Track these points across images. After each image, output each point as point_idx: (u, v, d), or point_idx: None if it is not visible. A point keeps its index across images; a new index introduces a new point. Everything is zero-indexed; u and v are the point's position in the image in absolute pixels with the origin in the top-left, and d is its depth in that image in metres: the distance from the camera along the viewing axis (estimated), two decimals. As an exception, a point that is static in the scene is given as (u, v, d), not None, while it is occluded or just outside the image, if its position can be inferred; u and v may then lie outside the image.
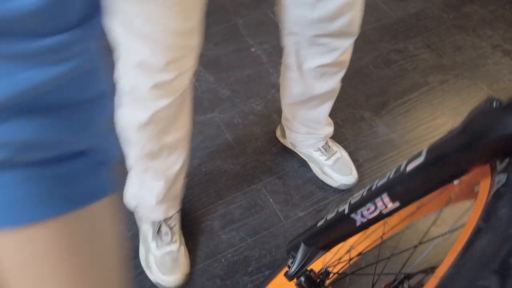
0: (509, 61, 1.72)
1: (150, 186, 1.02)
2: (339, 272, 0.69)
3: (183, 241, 1.15)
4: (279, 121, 1.50)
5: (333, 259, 0.70)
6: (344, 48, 1.00)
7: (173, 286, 1.07)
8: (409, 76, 1.66)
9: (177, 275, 1.07)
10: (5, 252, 0.25)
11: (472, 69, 1.68)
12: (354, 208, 0.57)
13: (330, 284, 0.69)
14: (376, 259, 0.62)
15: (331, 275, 0.70)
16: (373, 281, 0.58)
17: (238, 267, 1.14)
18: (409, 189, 0.50)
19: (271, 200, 1.28)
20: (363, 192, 0.56)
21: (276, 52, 1.74)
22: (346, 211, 0.59)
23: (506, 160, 0.45)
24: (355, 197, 0.58)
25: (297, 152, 1.37)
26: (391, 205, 0.52)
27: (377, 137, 1.45)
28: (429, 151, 0.47)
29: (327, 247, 0.65)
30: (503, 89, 1.61)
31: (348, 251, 0.70)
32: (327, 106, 1.20)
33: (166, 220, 1.11)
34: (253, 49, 1.76)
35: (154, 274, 1.08)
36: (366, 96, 1.59)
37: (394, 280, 0.61)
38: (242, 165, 1.36)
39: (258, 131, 1.47)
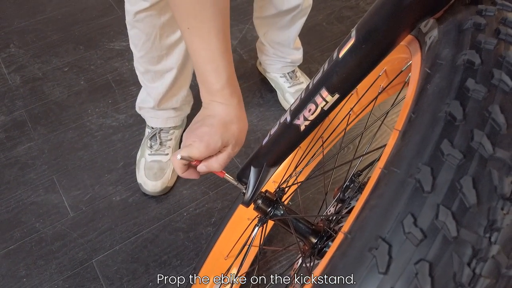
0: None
1: (150, 87, 1.07)
2: (293, 184, 0.66)
3: None
4: (239, 78, 1.45)
5: (284, 178, 0.67)
6: None
7: (151, 190, 1.12)
8: (361, 30, 1.64)
9: (158, 183, 1.12)
10: None
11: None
12: (295, 113, 0.53)
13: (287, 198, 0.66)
14: (323, 168, 0.59)
15: (286, 189, 0.66)
16: (324, 185, 0.55)
17: (200, 219, 1.09)
18: (345, 76, 0.46)
19: (231, 154, 1.24)
20: (301, 95, 0.53)
21: (231, 12, 1.69)
22: (288, 120, 0.55)
23: (430, 21, 0.42)
24: (295, 103, 0.54)
25: (267, 78, 1.41)
26: (330, 99, 0.49)
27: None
28: (359, 29, 0.43)
29: (277, 162, 0.61)
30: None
31: (296, 166, 0.67)
32: (296, 28, 1.22)
33: (163, 130, 1.17)
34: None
35: (140, 175, 1.14)
36: (321, 51, 1.56)
37: (345, 181, 0.59)
38: (200, 124, 1.31)
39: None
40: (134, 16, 0.92)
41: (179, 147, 1.21)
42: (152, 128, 1.19)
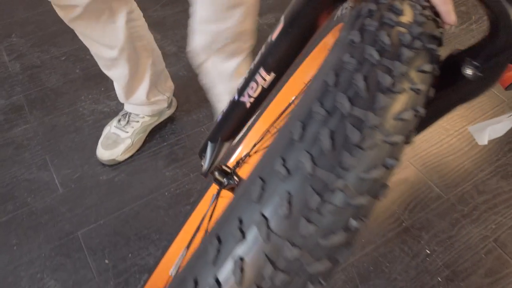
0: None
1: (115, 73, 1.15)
2: (246, 156, 0.72)
3: (133, 144, 1.25)
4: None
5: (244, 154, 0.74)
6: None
7: (98, 156, 1.22)
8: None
9: (106, 153, 1.21)
10: None
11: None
12: (241, 91, 0.59)
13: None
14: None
15: (240, 163, 0.73)
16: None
17: (180, 199, 1.16)
18: (278, 57, 0.52)
19: (213, 140, 1.30)
20: (246, 74, 0.59)
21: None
22: (236, 98, 0.61)
23: (348, 8, 0.48)
24: (241, 82, 0.60)
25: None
26: (268, 78, 0.55)
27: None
28: (285, 15, 0.50)
29: (230, 137, 0.67)
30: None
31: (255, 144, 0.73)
32: (236, 62, 1.08)
33: (129, 114, 1.25)
34: (199, 9, 1.76)
35: (99, 142, 1.24)
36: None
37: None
38: (186, 111, 1.38)
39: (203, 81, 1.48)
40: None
41: (144, 134, 1.27)
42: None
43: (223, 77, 1.13)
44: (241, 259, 0.31)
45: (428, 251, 1.08)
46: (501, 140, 1.31)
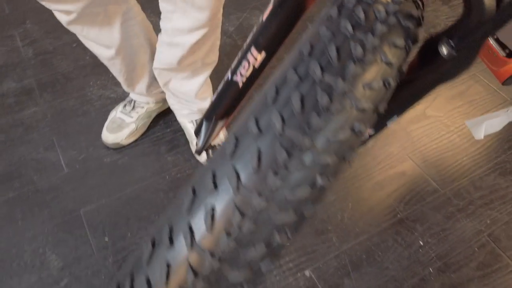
0: (446, 8, 1.78)
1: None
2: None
3: (137, 128, 1.28)
4: (231, 61, 1.54)
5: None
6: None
7: (103, 139, 1.26)
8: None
9: (111, 136, 1.25)
10: None
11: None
12: (234, 70, 0.62)
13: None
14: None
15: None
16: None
17: (181, 183, 1.19)
18: (269, 36, 0.55)
19: (215, 128, 1.33)
20: (238, 54, 0.61)
21: (230, 0, 1.78)
22: (229, 77, 0.64)
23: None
24: (234, 61, 0.63)
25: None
26: (259, 57, 0.57)
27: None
28: (275, -5, 0.52)
29: (224, 115, 0.70)
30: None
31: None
32: (199, 81, 1.12)
33: (134, 100, 1.29)
34: None
35: (104, 126, 1.28)
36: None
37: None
38: (191, 100, 1.41)
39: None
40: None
41: (149, 119, 1.29)
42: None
43: (187, 99, 1.18)
44: (213, 208, 0.34)
45: (421, 243, 1.09)
46: (501, 137, 1.32)
